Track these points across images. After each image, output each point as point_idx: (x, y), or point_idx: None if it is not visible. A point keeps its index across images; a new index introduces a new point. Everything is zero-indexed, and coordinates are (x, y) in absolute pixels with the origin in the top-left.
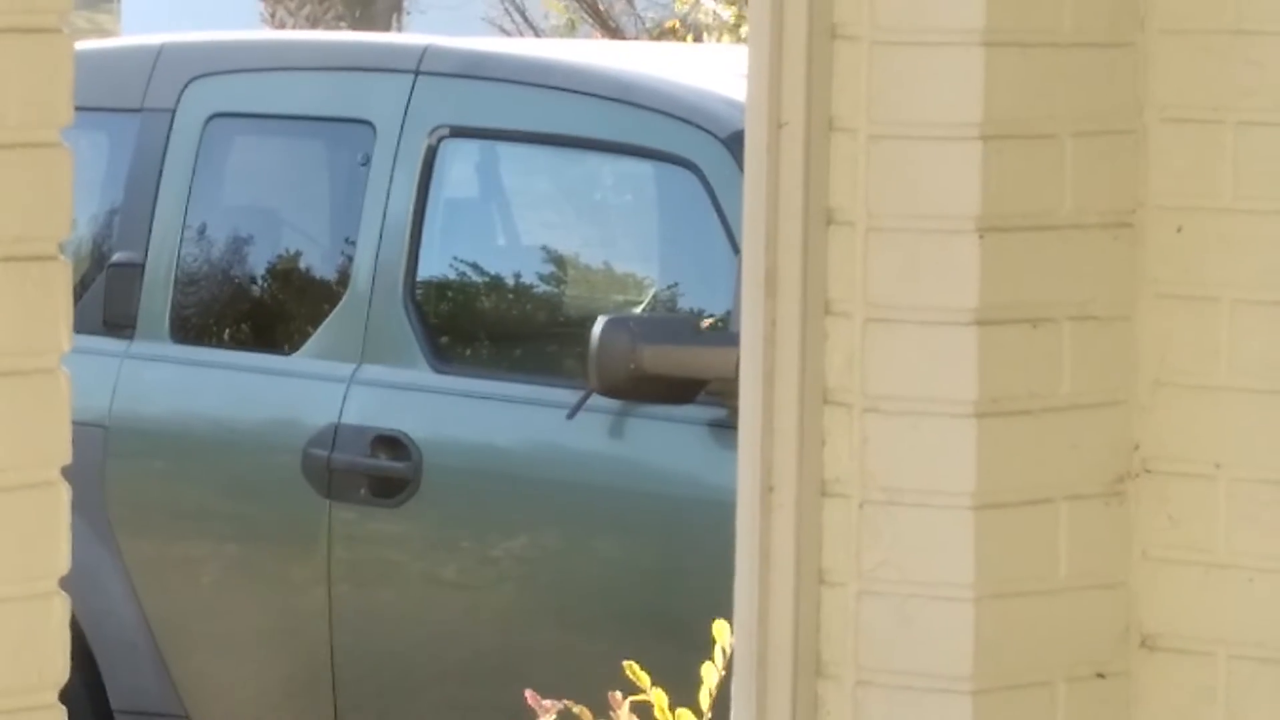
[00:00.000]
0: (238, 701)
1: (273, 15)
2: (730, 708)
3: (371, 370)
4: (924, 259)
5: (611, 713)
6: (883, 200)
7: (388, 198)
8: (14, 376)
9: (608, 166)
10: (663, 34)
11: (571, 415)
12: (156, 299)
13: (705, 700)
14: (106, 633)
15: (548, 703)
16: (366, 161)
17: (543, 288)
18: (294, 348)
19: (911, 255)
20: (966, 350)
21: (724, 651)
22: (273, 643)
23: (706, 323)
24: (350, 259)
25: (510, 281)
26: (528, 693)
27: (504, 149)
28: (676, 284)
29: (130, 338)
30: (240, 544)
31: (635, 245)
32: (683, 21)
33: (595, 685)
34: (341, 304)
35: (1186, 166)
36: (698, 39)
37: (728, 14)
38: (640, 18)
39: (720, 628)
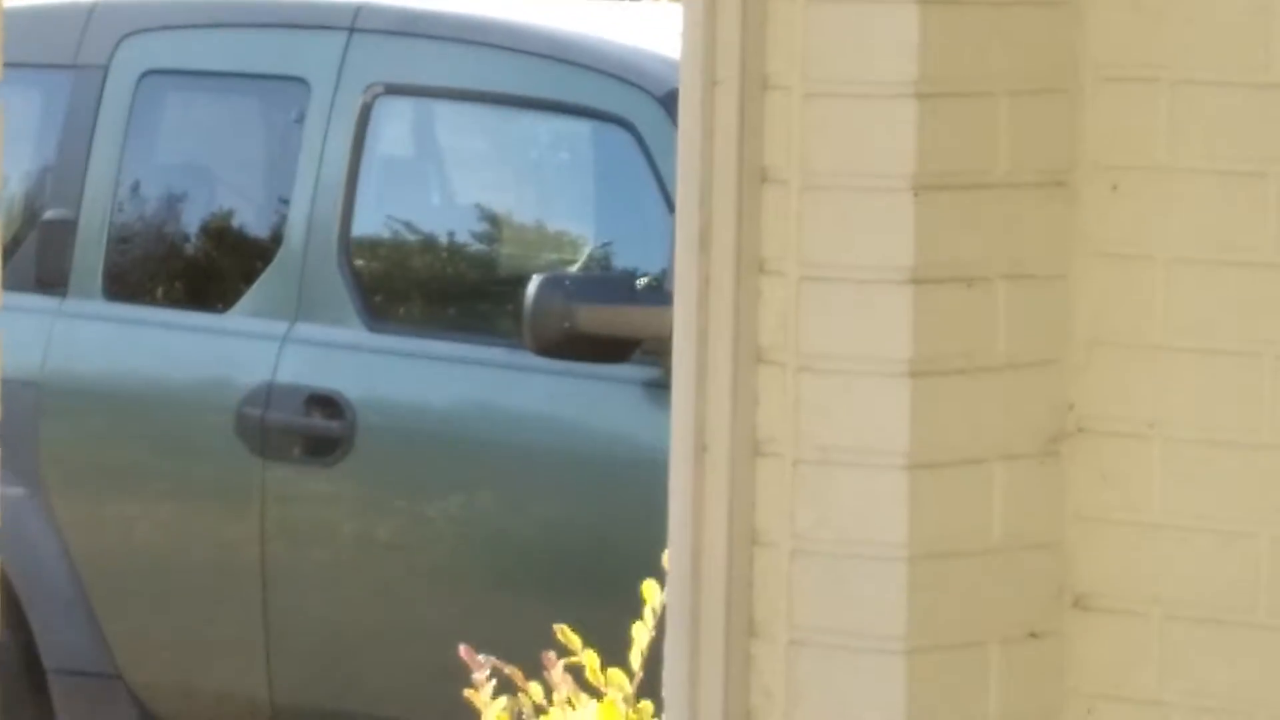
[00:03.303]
0: (170, 660)
1: None
2: (663, 667)
3: (305, 329)
4: (858, 217)
5: (545, 673)
6: (817, 158)
7: (322, 155)
8: None
9: (543, 125)
10: None
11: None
12: (89, 256)
13: (636, 660)
14: (39, 591)
15: (481, 658)
16: (301, 119)
17: (477, 246)
18: (228, 306)
19: (846, 214)
20: (901, 309)
21: (654, 611)
22: (206, 601)
23: (642, 281)
24: (284, 217)
25: (445, 240)
26: (462, 648)
27: (439, 107)
28: (612, 242)
29: (63, 295)
30: (174, 503)
31: (570, 204)
32: None
33: (529, 644)
34: (275, 262)
35: (1122, 125)
36: None
37: None
38: None
39: (650, 587)
